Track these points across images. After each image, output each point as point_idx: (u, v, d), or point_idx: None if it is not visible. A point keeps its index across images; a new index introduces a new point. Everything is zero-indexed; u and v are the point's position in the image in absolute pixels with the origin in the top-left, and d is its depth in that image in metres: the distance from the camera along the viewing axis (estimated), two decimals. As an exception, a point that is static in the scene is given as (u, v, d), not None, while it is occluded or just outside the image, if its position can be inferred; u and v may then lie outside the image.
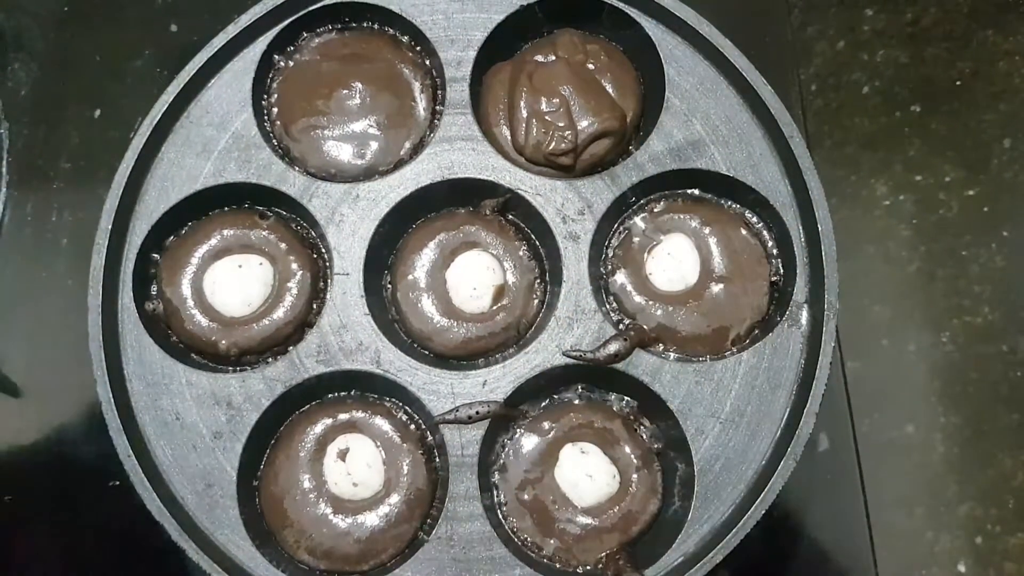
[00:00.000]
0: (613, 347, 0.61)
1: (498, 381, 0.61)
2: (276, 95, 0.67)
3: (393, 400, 0.63)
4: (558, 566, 0.60)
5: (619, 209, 0.64)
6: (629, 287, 0.64)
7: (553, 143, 0.63)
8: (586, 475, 0.60)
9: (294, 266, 0.64)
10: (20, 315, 0.79)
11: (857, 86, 0.85)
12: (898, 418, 0.78)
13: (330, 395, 0.64)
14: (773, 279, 0.64)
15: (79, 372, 0.61)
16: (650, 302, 0.63)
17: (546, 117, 0.64)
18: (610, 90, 0.65)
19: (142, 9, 0.85)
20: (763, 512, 0.58)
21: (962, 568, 0.75)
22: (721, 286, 0.63)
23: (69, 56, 0.85)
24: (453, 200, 0.66)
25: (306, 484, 0.61)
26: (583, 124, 0.63)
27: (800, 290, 0.62)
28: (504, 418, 0.62)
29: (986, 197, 0.82)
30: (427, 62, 0.68)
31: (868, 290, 0.80)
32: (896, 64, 0.86)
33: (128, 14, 0.85)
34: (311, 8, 0.67)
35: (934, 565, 0.75)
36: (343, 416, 0.62)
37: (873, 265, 0.81)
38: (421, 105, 0.66)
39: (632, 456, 0.62)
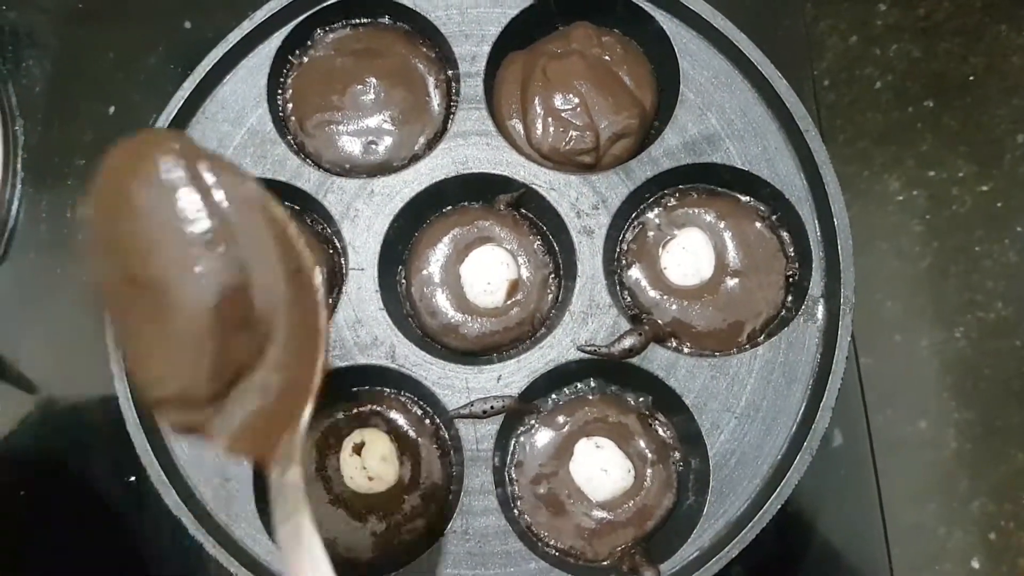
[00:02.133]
0: (628, 342, 0.61)
1: (513, 376, 0.61)
2: (291, 91, 0.67)
3: (408, 395, 0.64)
4: (573, 560, 0.61)
5: (634, 203, 0.64)
6: (644, 282, 0.64)
7: (572, 143, 0.63)
8: (601, 469, 0.60)
9: (309, 261, 0.64)
10: (36, 312, 0.79)
11: (870, 81, 0.85)
12: (911, 414, 0.78)
13: (345, 389, 0.64)
14: (788, 273, 0.64)
15: (96, 368, 0.61)
16: (665, 297, 0.63)
17: (562, 115, 0.64)
18: (627, 82, 0.65)
19: (156, 5, 0.85)
20: (778, 507, 0.58)
21: (975, 564, 0.75)
22: (736, 280, 0.63)
23: (83, 53, 0.85)
24: (467, 195, 0.66)
25: (321, 478, 0.61)
26: (603, 124, 0.63)
27: (816, 284, 0.62)
28: (519, 413, 0.62)
29: (999, 193, 0.82)
30: (441, 57, 0.68)
31: (881, 286, 0.80)
32: (909, 59, 0.85)
33: (142, 10, 0.85)
34: (325, 4, 0.67)
35: (947, 561, 0.75)
36: (358, 410, 0.63)
37: (885, 261, 0.81)
38: (435, 100, 0.67)
39: (647, 450, 0.62)
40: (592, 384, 0.64)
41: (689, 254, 0.63)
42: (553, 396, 0.64)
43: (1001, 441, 0.77)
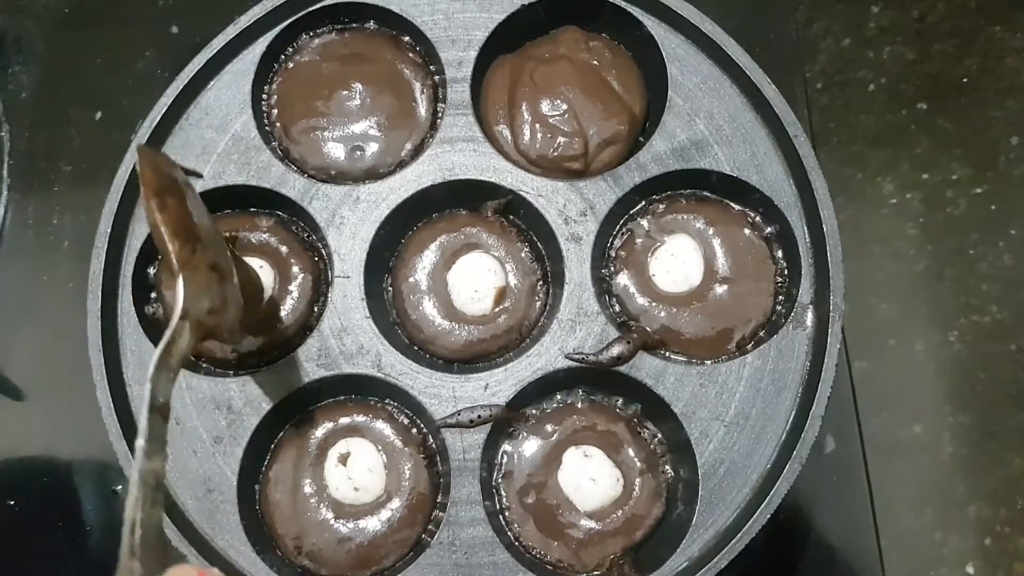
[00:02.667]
0: (616, 350, 0.60)
1: (500, 384, 0.61)
2: (276, 96, 0.67)
3: (394, 404, 0.63)
4: (561, 571, 0.60)
5: (622, 210, 0.64)
6: (632, 289, 0.63)
7: (560, 149, 0.63)
8: (589, 479, 0.60)
9: (295, 269, 0.63)
10: (22, 318, 0.78)
11: (863, 83, 0.84)
12: (906, 418, 0.77)
13: (331, 399, 0.63)
14: (778, 280, 0.63)
15: (81, 375, 0.61)
16: (653, 304, 0.62)
17: (550, 121, 0.64)
18: (616, 87, 0.65)
19: (143, 11, 0.85)
20: (768, 516, 0.57)
21: (971, 570, 0.74)
22: (725, 287, 0.62)
23: (70, 58, 0.85)
24: (454, 202, 0.65)
25: (307, 489, 0.61)
26: (592, 131, 0.63)
27: (805, 291, 0.61)
28: (506, 421, 0.61)
29: (994, 195, 0.81)
30: (428, 62, 0.67)
31: (875, 289, 0.80)
32: (903, 61, 0.85)
33: (129, 16, 0.85)
34: (311, 8, 0.66)
35: (943, 566, 0.74)
36: (344, 420, 0.62)
37: (880, 264, 0.81)
38: (422, 106, 0.66)
39: (636, 459, 0.61)
40: (580, 392, 0.63)
41: (678, 261, 0.62)
42: (541, 405, 0.63)
43: (997, 445, 0.77)
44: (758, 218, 0.64)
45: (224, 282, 0.51)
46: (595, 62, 0.65)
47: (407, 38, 0.68)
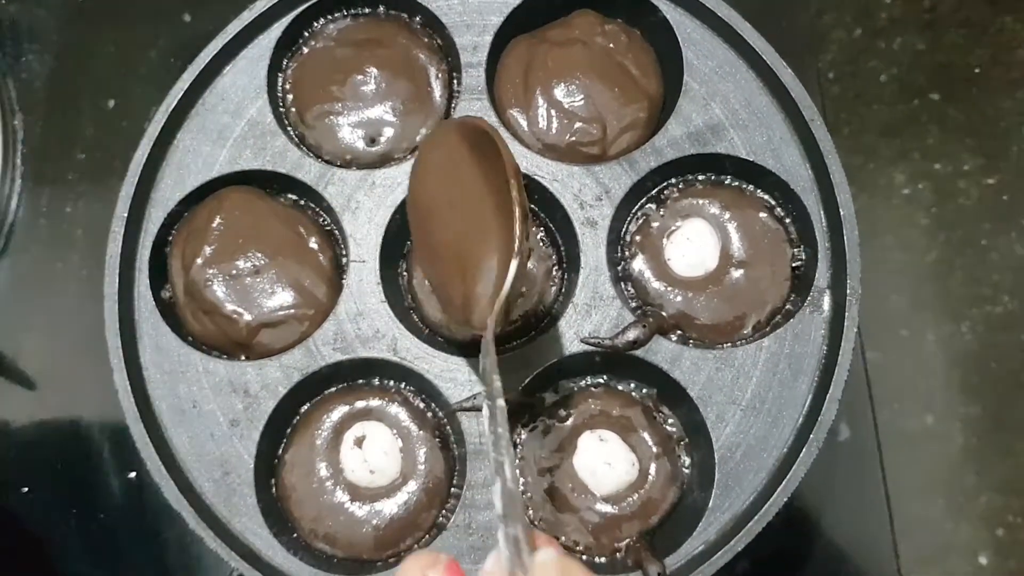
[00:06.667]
0: (632, 334, 0.60)
1: (516, 369, 0.60)
2: (291, 82, 0.67)
3: (410, 387, 0.63)
4: (577, 555, 0.60)
5: (637, 194, 0.64)
6: (648, 273, 0.63)
7: (578, 135, 0.63)
8: (605, 463, 0.60)
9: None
10: (35, 307, 0.78)
11: (874, 73, 0.84)
12: (917, 408, 0.77)
13: (347, 383, 0.63)
14: (794, 264, 0.63)
15: (95, 363, 0.61)
16: (669, 288, 0.62)
17: (567, 107, 0.64)
18: (633, 71, 0.65)
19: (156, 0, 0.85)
20: (784, 500, 0.57)
21: (983, 560, 0.74)
22: (741, 271, 0.62)
23: (83, 47, 0.85)
24: (469, 187, 0.65)
25: (323, 472, 0.60)
26: (611, 116, 0.63)
27: (822, 275, 0.61)
28: (522, 406, 0.61)
29: (1005, 185, 0.81)
30: (442, 47, 0.67)
31: (886, 279, 0.79)
32: (914, 51, 0.85)
33: (142, 5, 0.85)
34: (325, -6, 0.66)
35: (955, 556, 0.74)
36: (360, 403, 0.62)
37: (891, 254, 0.80)
38: (437, 91, 0.66)
39: (651, 444, 0.61)
40: (596, 377, 0.63)
41: (693, 245, 0.62)
42: (556, 389, 0.63)
43: (1009, 435, 0.76)
44: (774, 202, 0.64)
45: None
46: (611, 46, 0.65)
47: (421, 23, 0.68)
